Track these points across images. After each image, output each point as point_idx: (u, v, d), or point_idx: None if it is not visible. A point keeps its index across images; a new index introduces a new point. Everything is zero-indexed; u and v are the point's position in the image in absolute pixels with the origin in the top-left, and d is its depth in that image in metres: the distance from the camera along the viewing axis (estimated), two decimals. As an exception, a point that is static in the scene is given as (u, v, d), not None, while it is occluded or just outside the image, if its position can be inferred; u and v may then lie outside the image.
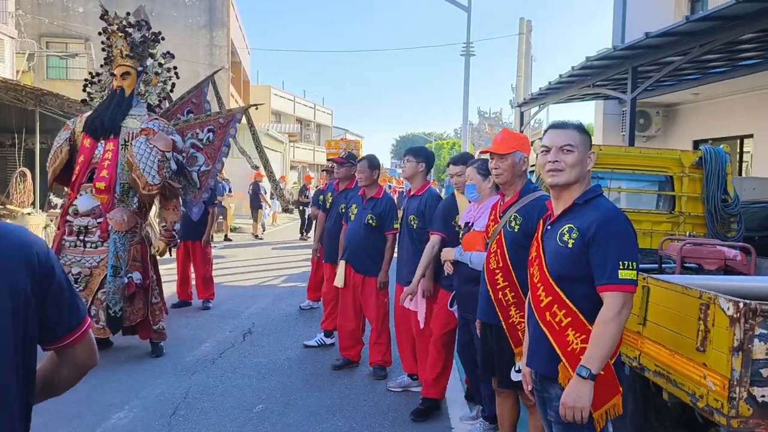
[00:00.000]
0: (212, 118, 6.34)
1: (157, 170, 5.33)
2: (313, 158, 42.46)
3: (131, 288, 5.36)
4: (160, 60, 5.95)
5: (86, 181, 5.43)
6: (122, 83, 5.64)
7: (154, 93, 5.89)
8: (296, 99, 42.13)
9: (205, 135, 6.19)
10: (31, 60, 19.27)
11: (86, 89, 6.00)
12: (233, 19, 22.80)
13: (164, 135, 5.50)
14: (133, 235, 5.43)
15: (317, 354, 5.93)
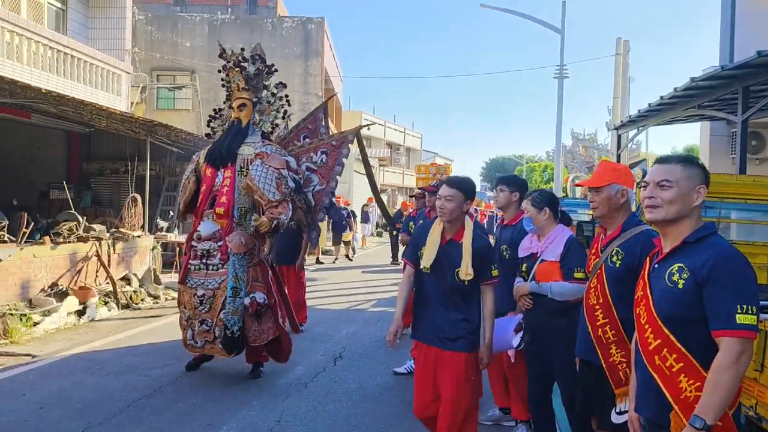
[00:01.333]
0: (325, 141, 6.59)
1: (276, 187, 5.60)
2: (402, 182, 42.80)
3: (254, 307, 5.55)
4: (273, 90, 6.26)
5: (208, 207, 5.75)
6: (239, 114, 5.97)
7: (267, 121, 6.23)
8: (386, 123, 42.77)
9: (318, 157, 6.43)
10: (144, 92, 20.74)
11: (210, 124, 6.39)
12: (327, 48, 23.55)
13: (278, 155, 5.80)
14: (251, 256, 5.67)
15: (407, 382, 5.89)
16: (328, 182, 6.51)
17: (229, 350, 5.55)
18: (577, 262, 3.64)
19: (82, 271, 9.39)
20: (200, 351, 5.75)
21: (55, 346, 7.01)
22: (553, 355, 3.70)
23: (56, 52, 12.91)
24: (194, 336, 5.65)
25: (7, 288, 7.98)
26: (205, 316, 5.59)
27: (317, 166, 6.47)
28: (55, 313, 7.96)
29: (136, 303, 9.59)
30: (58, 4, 14.49)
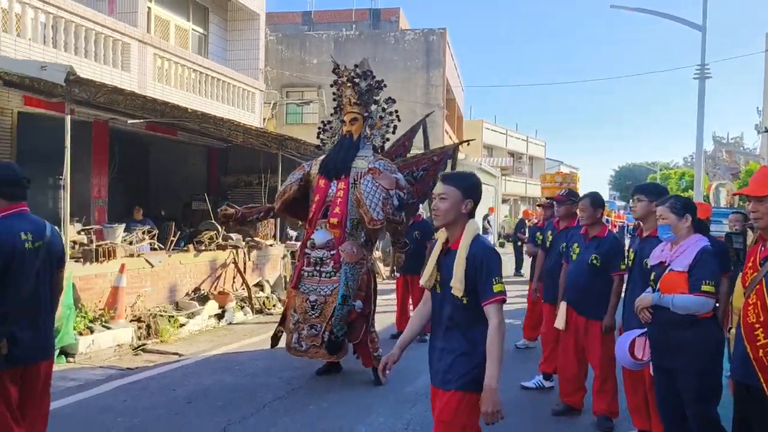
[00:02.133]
0: (427, 156, 6.69)
1: (382, 207, 5.70)
2: (525, 191, 41.85)
3: (353, 315, 5.74)
4: (383, 105, 6.43)
5: (321, 217, 5.99)
6: (351, 128, 6.17)
7: (378, 135, 6.38)
8: (508, 132, 42.08)
9: (419, 173, 6.55)
10: (274, 108, 21.94)
11: (319, 136, 6.69)
12: (449, 59, 23.65)
13: (388, 174, 5.90)
14: (361, 266, 5.85)
15: (535, 396, 5.74)
16: (419, 198, 6.69)
17: (331, 352, 5.76)
18: (707, 275, 3.38)
19: (221, 277, 10.06)
20: (303, 355, 5.94)
21: (198, 346, 7.55)
22: (677, 371, 3.45)
23: (199, 73, 14.01)
24: (300, 339, 5.86)
25: (158, 291, 8.72)
26: (314, 321, 5.80)
27: (416, 180, 6.59)
28: (198, 316, 8.59)
29: (268, 308, 10.12)
30: (201, 29, 15.72)
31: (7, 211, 3.13)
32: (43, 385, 3.23)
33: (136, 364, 6.62)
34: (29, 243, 3.09)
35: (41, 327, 3.18)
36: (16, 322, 3.05)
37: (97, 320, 7.25)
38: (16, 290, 3.05)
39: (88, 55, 10.78)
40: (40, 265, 3.15)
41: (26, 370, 3.13)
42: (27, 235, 3.09)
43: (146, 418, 4.86)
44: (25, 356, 3.10)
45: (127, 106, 9.92)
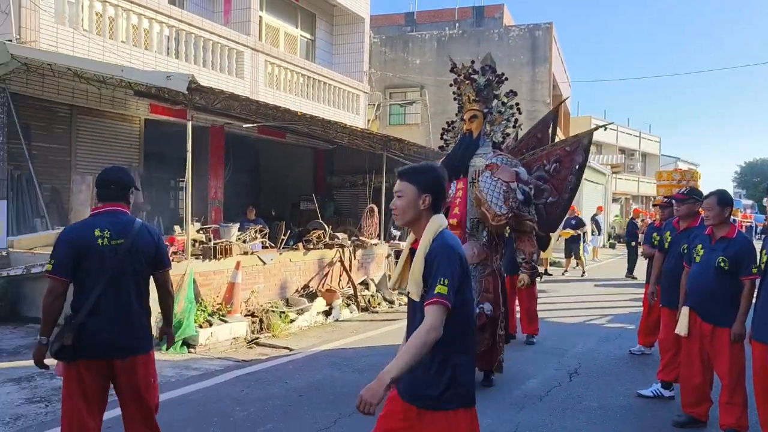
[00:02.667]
0: (558, 147, 6.35)
1: (503, 201, 5.54)
2: (637, 190, 39.80)
3: (482, 319, 5.59)
4: (503, 99, 6.19)
5: None
6: (470, 126, 6.04)
7: (498, 131, 6.14)
8: (619, 128, 40.17)
9: (551, 165, 6.23)
10: (378, 109, 22.26)
11: (443, 136, 6.57)
12: (555, 54, 22.95)
13: (507, 168, 5.73)
14: (484, 267, 5.71)
15: (654, 405, 5.44)
16: (561, 194, 6.24)
17: None
18: None
19: (328, 275, 10.34)
20: None
21: (307, 341, 7.81)
22: None
23: (306, 78, 14.48)
24: None
25: (270, 288, 9.11)
26: None
27: (550, 175, 6.25)
28: (307, 312, 8.88)
29: (373, 306, 10.28)
30: (308, 35, 16.25)
31: (98, 210, 3.33)
32: (138, 379, 3.28)
33: (251, 356, 6.95)
34: (104, 240, 3.18)
35: (125, 323, 3.22)
36: (91, 315, 3.15)
37: (215, 314, 7.68)
38: (90, 285, 3.16)
39: (206, 64, 11.45)
40: (121, 263, 3.21)
41: (116, 364, 3.22)
42: (103, 232, 3.18)
43: (262, 408, 5.09)
44: (99, 350, 3.18)
45: (241, 111, 10.45)
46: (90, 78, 8.72)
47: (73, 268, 3.17)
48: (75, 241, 3.18)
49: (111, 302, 3.20)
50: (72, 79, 8.83)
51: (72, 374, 3.20)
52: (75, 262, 3.16)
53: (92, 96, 9.74)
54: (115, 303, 3.21)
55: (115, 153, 10.56)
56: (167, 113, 10.75)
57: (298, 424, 4.74)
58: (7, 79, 8.48)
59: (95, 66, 8.29)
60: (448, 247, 2.50)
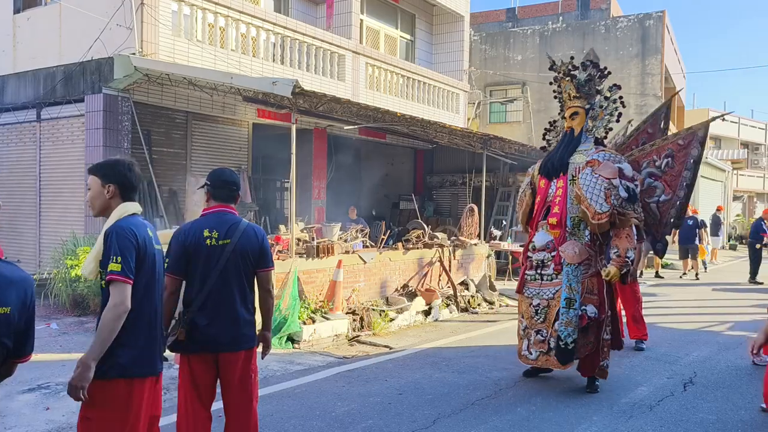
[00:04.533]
0: (670, 141, 6.02)
1: (605, 198, 5.35)
2: (762, 187, 36.78)
3: (584, 321, 5.43)
4: (606, 94, 5.97)
5: (542, 218, 5.82)
6: (571, 123, 5.88)
7: (600, 126, 5.93)
8: (741, 120, 37.29)
9: (663, 161, 5.94)
10: (478, 108, 22.01)
11: (545, 137, 6.43)
12: (668, 44, 21.65)
13: (609, 164, 5.51)
14: (587, 267, 5.52)
15: (780, 422, 5.00)
16: (675, 191, 5.90)
17: (562, 362, 5.47)
18: None
19: (428, 275, 10.36)
20: (533, 363, 5.77)
21: (406, 341, 7.86)
22: None
23: (406, 79, 14.58)
24: (529, 346, 5.70)
25: (370, 287, 9.26)
26: (540, 326, 5.61)
27: (662, 172, 5.93)
28: (407, 312, 8.94)
29: (473, 307, 10.18)
30: (408, 36, 16.35)
31: (209, 210, 3.49)
32: (240, 373, 3.43)
33: (352, 353, 7.09)
34: (212, 240, 3.35)
35: (230, 319, 3.37)
36: (200, 311, 3.32)
37: (317, 311, 7.91)
38: (199, 283, 3.34)
39: (309, 68, 11.82)
40: (227, 262, 3.36)
41: (220, 358, 3.39)
42: (211, 232, 3.36)
43: (363, 404, 5.18)
44: (208, 344, 3.35)
45: (343, 114, 10.70)
46: (203, 86, 9.26)
47: (185, 266, 3.37)
48: (185, 241, 3.37)
49: (218, 300, 3.36)
50: (187, 87, 9.41)
51: (185, 366, 3.43)
52: (186, 261, 3.36)
53: (205, 102, 10.33)
54: (222, 300, 3.37)
55: (226, 156, 11.15)
56: (273, 117, 11.21)
57: (397, 421, 4.79)
58: (131, 89, 9.19)
59: (207, 74, 8.79)
60: (117, 227, 2.76)
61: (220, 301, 3.37)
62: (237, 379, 3.44)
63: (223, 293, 3.37)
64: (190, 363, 3.41)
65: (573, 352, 5.43)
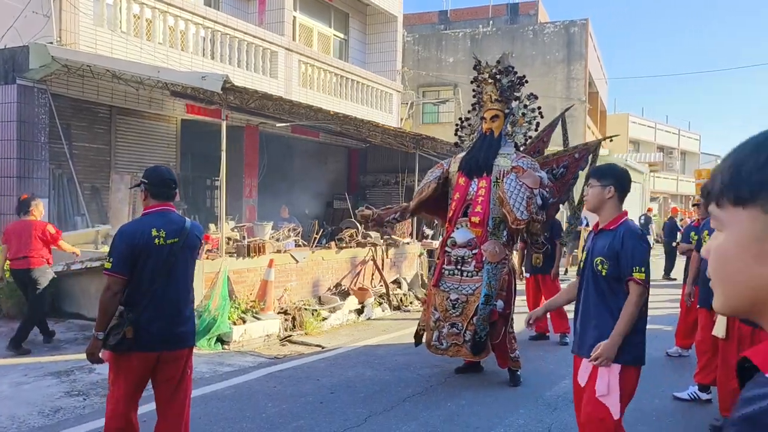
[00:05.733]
0: (568, 153, 6.44)
1: (526, 206, 5.56)
2: (676, 188, 38.89)
3: (494, 315, 5.65)
4: (525, 102, 6.23)
5: (462, 215, 5.94)
6: (492, 125, 6.05)
7: (520, 133, 6.20)
8: (657, 125, 39.34)
9: (559, 170, 6.31)
10: (411, 108, 22.23)
11: (457, 133, 6.62)
12: (591, 51, 22.58)
13: (533, 172, 5.74)
14: (503, 266, 5.75)
15: (690, 409, 5.32)
16: (560, 195, 6.41)
17: (475, 352, 5.69)
18: None
19: (361, 274, 10.38)
20: (444, 353, 5.91)
21: (339, 339, 7.85)
22: None
23: (340, 77, 14.56)
24: (440, 338, 5.84)
25: (302, 286, 9.19)
26: (455, 320, 5.76)
27: (555, 179, 6.30)
28: (339, 311, 8.92)
29: (405, 305, 10.28)
30: (341, 35, 16.33)
31: (152, 209, 3.44)
32: (182, 371, 3.45)
33: (283, 353, 7.02)
34: (160, 239, 3.33)
35: (177, 317, 3.40)
36: (146, 311, 3.29)
37: (248, 311, 7.78)
38: (145, 282, 3.30)
39: (240, 64, 11.60)
40: (175, 261, 3.38)
41: (162, 356, 3.37)
42: (159, 231, 3.34)
43: (294, 404, 5.14)
44: (153, 343, 3.32)
45: (275, 111, 10.57)
46: (128, 79, 8.93)
47: (131, 265, 3.30)
48: (133, 241, 3.30)
49: (165, 298, 3.36)
50: (111, 80, 9.05)
51: (122, 366, 3.32)
52: (133, 260, 3.30)
53: (130, 97, 9.97)
54: (169, 299, 3.38)
55: (152, 152, 10.78)
56: (203, 113, 10.94)
57: (329, 420, 4.77)
58: (49, 81, 8.74)
59: (132, 67, 8.48)
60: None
61: (167, 299, 3.37)
62: (177, 377, 3.44)
63: (169, 292, 3.38)
64: (131, 363, 3.32)
65: (484, 344, 5.67)
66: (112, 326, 3.25)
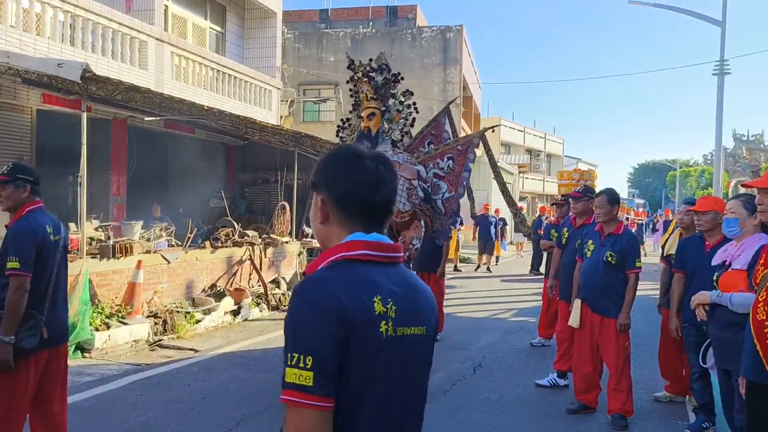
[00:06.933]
0: (451, 146, 6.58)
1: (407, 197, 5.67)
2: (542, 189, 41.54)
3: None
4: (400, 98, 6.35)
5: None
6: (369, 124, 6.10)
7: (396, 129, 6.28)
8: (526, 129, 41.79)
9: (445, 163, 6.45)
10: (291, 106, 22.00)
11: (338, 134, 6.61)
12: (465, 56, 23.53)
13: (409, 165, 5.86)
14: None
15: (550, 395, 5.70)
16: (457, 189, 6.52)
17: None
18: None
19: (237, 274, 10.12)
20: None
21: (214, 342, 7.61)
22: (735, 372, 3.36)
23: (216, 72, 14.09)
24: None
25: (174, 287, 8.80)
26: None
27: (444, 173, 6.47)
28: (214, 312, 8.64)
29: (284, 305, 10.15)
30: (218, 28, 15.82)
31: (35, 206, 3.44)
32: (65, 364, 3.57)
33: (153, 359, 6.68)
34: (52, 236, 3.41)
35: (63, 312, 3.54)
36: (51, 307, 3.39)
37: (113, 316, 7.33)
38: (46, 279, 3.37)
39: (105, 53, 10.89)
40: (61, 258, 3.50)
41: (53, 352, 3.46)
42: (50, 228, 3.41)
43: (162, 412, 4.90)
44: (51, 339, 3.41)
45: (144, 104, 10.02)
46: (-27, 64, 8.08)
47: (33, 263, 3.31)
48: (36, 239, 3.32)
49: (59, 294, 3.49)
50: (-48, 64, 8.15)
51: (22, 368, 3.28)
52: (35, 259, 3.33)
53: (-24, 84, 9.03)
54: (61, 294, 3.53)
55: (3, 145, 9.83)
56: (62, 104, 10.12)
57: (199, 427, 4.61)
58: None
59: (-21, 51, 7.69)
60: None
61: (60, 295, 3.50)
62: (63, 370, 3.55)
63: (60, 288, 3.49)
64: (29, 364, 3.29)
65: None
66: (28, 327, 3.25)
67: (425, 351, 1.53)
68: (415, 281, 1.57)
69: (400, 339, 1.44)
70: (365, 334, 1.38)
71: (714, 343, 3.55)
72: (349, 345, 1.37)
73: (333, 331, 1.35)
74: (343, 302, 1.37)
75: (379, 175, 1.50)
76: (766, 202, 2.80)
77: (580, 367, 5.11)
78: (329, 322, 1.35)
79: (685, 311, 4.38)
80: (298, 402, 1.34)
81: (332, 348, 1.35)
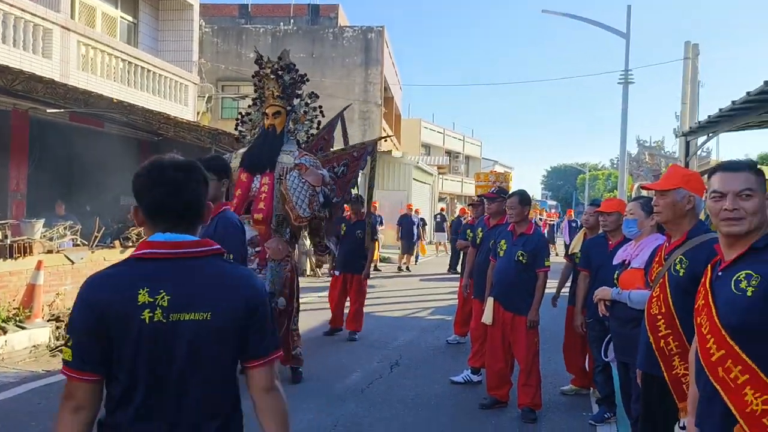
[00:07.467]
0: (347, 152, 6.65)
1: (308, 204, 5.62)
2: (461, 190, 42.50)
3: (277, 311, 5.59)
4: (306, 100, 6.30)
5: (243, 212, 5.82)
6: (274, 122, 5.97)
7: (302, 130, 6.24)
8: (446, 131, 42.60)
9: (340, 169, 6.50)
10: (209, 102, 21.39)
11: (237, 127, 6.47)
12: (387, 57, 23.70)
13: (315, 170, 5.79)
14: (286, 263, 5.72)
15: (464, 391, 5.82)
16: (343, 195, 6.64)
17: None
18: None
19: (149, 274, 9.72)
20: None
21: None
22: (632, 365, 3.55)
23: (127, 63, 13.49)
24: None
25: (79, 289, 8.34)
26: None
27: (337, 177, 6.51)
28: (123, 314, 8.27)
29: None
30: (130, 17, 15.16)
31: None
32: None
33: (53, 365, 6.29)
34: None
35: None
36: None
37: (10, 320, 6.87)
38: None
39: (6, 40, 10.20)
40: None
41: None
42: None
43: (62, 421, 4.63)
44: None
45: (47, 95, 9.47)
46: None
47: None
48: None
49: None
50: None
51: None
52: None
53: None
54: None
55: None
56: (-45, 93, 9.41)
57: (103, 435, 4.38)
58: None
59: None
60: None
61: None
62: None
63: None
64: None
65: None
66: None
67: (211, 333, 1.69)
68: (212, 272, 1.73)
69: (175, 324, 1.64)
70: (126, 321, 1.62)
71: (614, 338, 3.74)
72: (110, 330, 1.62)
73: (89, 319, 1.63)
74: (103, 295, 1.64)
75: (178, 183, 1.74)
76: (661, 204, 2.96)
77: (492, 363, 5.26)
78: (86, 311, 1.64)
79: (590, 307, 4.59)
80: (65, 373, 1.66)
81: (87, 333, 1.63)
